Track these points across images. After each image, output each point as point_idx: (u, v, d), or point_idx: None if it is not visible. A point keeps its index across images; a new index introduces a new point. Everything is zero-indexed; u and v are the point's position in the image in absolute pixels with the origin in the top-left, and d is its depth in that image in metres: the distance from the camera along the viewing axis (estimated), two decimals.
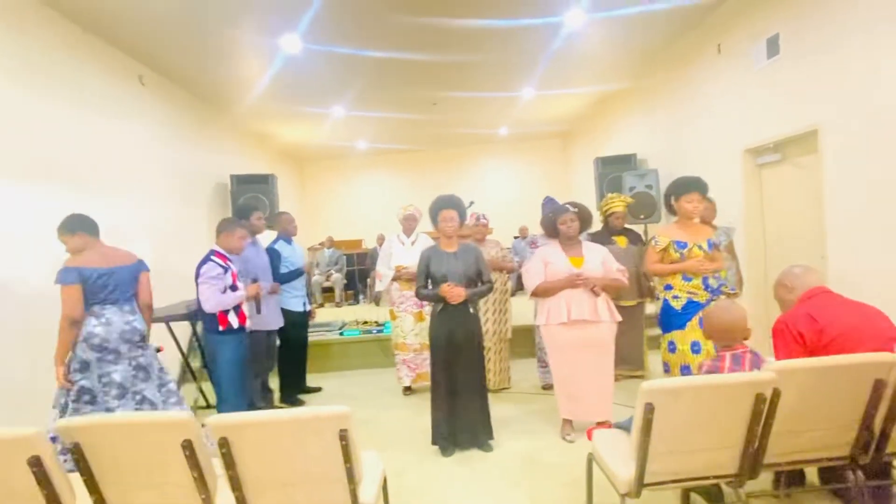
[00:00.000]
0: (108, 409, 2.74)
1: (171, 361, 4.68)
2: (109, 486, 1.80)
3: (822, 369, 1.84)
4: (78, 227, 2.81)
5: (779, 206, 4.51)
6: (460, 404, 3.20)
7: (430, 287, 3.27)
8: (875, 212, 3.37)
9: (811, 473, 2.44)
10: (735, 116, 4.81)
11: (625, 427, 2.26)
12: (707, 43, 5.17)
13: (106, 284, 2.77)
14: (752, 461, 1.88)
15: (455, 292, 3.11)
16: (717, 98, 5.12)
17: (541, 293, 3.29)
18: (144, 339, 2.93)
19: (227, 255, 3.35)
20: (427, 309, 4.17)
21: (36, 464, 1.65)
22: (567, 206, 3.36)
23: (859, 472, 2.01)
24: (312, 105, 7.24)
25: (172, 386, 3.01)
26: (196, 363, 4.84)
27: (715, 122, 5.17)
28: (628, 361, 4.30)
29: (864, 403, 1.88)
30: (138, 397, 2.83)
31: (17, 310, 3.48)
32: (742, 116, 4.70)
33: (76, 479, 1.79)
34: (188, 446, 1.68)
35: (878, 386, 1.84)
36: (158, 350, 3.12)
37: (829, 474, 2.32)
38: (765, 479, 2.50)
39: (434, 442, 3.26)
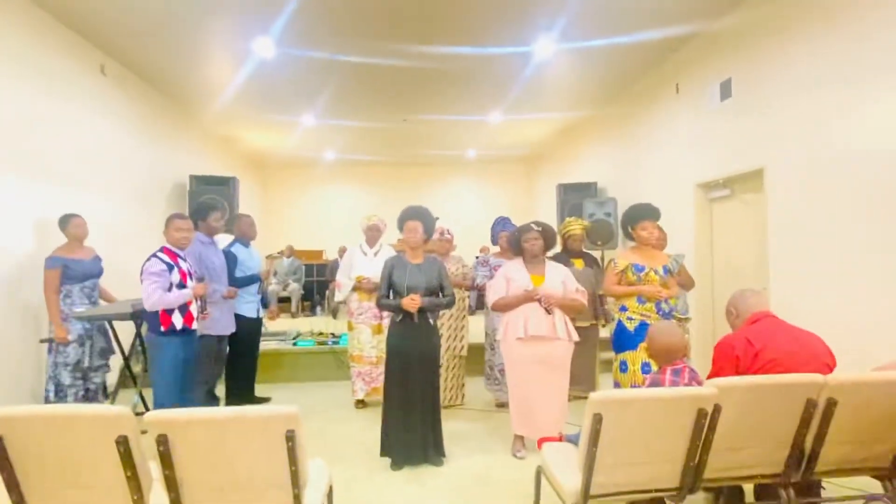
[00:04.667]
0: None
1: (112, 363, 4.44)
2: (32, 484, 1.68)
3: (758, 387, 1.94)
4: None
5: (727, 238, 4.76)
6: (412, 418, 3.16)
7: (392, 297, 3.25)
8: (812, 247, 3.60)
9: (750, 493, 2.53)
10: (689, 152, 5.08)
11: (574, 441, 2.29)
12: (666, 82, 5.47)
13: None
14: (692, 475, 1.94)
15: (413, 302, 3.11)
16: (673, 134, 5.40)
17: (500, 307, 3.35)
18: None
19: (177, 252, 3.23)
20: (386, 321, 4.13)
21: None
22: (531, 224, 3.44)
23: (791, 490, 2.10)
24: (282, 112, 7.17)
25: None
26: (137, 367, 4.60)
27: (671, 156, 5.44)
28: (580, 382, 4.36)
29: (796, 423, 1.98)
30: None
31: None
32: (696, 152, 4.97)
33: None
34: (123, 442, 1.59)
35: (809, 406, 1.95)
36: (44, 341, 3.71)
37: (764, 492, 2.41)
38: (706, 496, 2.58)
39: (382, 453, 3.20)
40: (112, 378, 4.49)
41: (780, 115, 3.89)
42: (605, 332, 4.85)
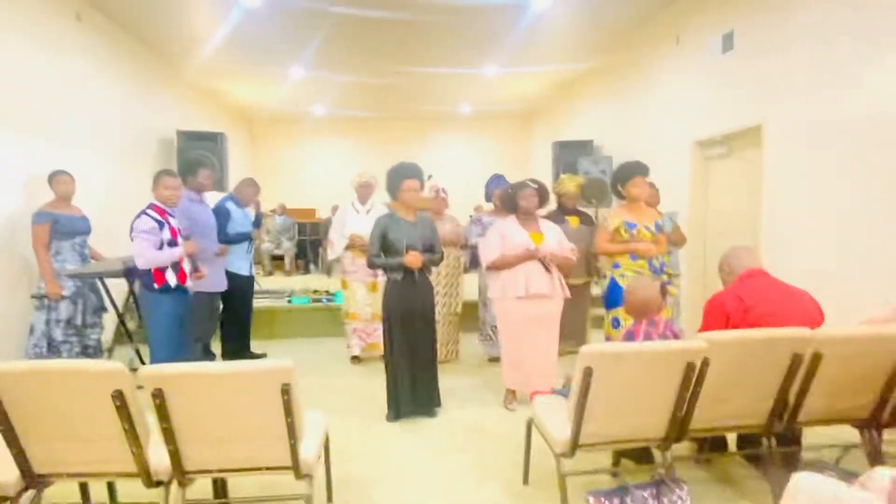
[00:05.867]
0: None
1: (106, 320, 4.45)
2: (31, 439, 1.70)
3: (747, 341, 1.97)
4: None
5: (722, 198, 4.74)
6: (415, 372, 3.22)
7: (385, 256, 3.22)
8: (806, 207, 3.60)
9: (732, 442, 2.63)
10: (688, 109, 4.98)
11: (563, 394, 2.35)
12: (667, 33, 5.30)
13: None
14: (679, 426, 2.00)
15: (416, 259, 3.11)
16: (672, 89, 5.27)
17: (498, 266, 3.31)
18: None
19: (165, 208, 3.17)
20: (381, 279, 4.13)
21: None
22: (527, 181, 3.40)
23: (772, 439, 2.18)
24: (269, 63, 6.91)
25: None
26: (132, 324, 4.63)
27: (669, 113, 5.33)
28: (571, 338, 4.43)
29: (782, 376, 2.03)
30: None
31: None
32: (694, 109, 4.87)
33: None
34: (119, 396, 1.60)
35: (795, 359, 1.99)
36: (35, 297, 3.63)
37: (746, 441, 2.51)
38: (689, 445, 2.67)
39: (390, 411, 3.26)
40: (107, 335, 4.51)
41: (782, 70, 3.79)
42: (597, 290, 4.91)
